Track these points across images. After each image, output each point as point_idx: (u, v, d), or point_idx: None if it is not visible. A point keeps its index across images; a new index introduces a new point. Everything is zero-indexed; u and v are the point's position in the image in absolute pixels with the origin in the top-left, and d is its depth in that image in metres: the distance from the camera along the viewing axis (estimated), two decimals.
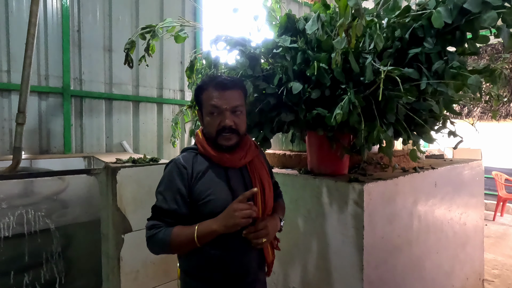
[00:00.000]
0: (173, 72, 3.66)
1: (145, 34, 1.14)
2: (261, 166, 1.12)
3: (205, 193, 1.00)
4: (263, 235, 0.99)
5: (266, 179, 1.10)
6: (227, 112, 0.99)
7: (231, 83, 1.01)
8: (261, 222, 1.01)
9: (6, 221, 1.42)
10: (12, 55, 2.61)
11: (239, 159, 1.05)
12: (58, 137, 2.86)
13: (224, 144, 1.01)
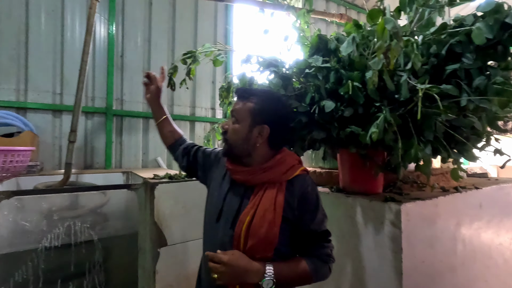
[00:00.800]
0: (205, 91, 3.83)
1: (186, 59, 1.23)
2: (269, 197, 0.90)
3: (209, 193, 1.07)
4: (214, 270, 0.83)
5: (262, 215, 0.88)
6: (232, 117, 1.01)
7: (242, 92, 1.02)
8: (222, 256, 0.84)
9: (57, 231, 1.54)
10: (65, 79, 2.89)
11: (238, 174, 0.97)
12: (100, 153, 3.08)
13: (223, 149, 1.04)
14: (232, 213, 0.92)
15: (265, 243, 0.87)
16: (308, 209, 0.94)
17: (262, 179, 0.93)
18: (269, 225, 0.86)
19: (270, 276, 0.83)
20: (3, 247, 1.40)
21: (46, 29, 2.82)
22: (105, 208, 1.92)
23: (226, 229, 0.92)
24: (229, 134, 0.98)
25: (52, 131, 2.84)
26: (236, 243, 0.88)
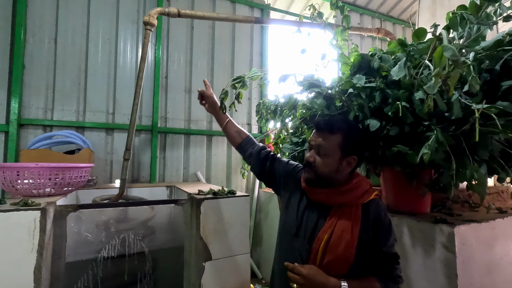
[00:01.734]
0: (242, 107, 3.95)
1: (235, 84, 1.31)
2: (347, 220, 0.98)
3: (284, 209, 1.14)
4: (293, 280, 0.94)
5: (340, 235, 0.96)
6: (311, 148, 1.07)
7: (325, 125, 1.06)
8: (301, 268, 0.94)
9: (113, 243, 1.67)
10: (117, 100, 3.17)
11: (316, 195, 1.07)
12: (146, 168, 3.29)
13: (304, 175, 1.08)
14: (309, 230, 1.02)
15: (341, 261, 0.95)
16: (381, 232, 1.03)
17: (340, 201, 1.02)
18: (346, 244, 0.95)
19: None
20: (70, 256, 1.55)
21: (102, 56, 3.14)
22: (152, 222, 2.04)
23: (303, 244, 1.01)
24: (318, 167, 1.04)
25: (105, 148, 3.10)
26: (312, 258, 0.98)
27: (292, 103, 1.45)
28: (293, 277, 0.94)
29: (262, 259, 3.63)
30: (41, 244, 1.33)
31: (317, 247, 0.97)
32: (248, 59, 4.02)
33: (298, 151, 1.88)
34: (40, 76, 2.86)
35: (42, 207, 1.35)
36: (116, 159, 3.13)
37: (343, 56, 1.63)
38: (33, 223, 1.32)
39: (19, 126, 2.72)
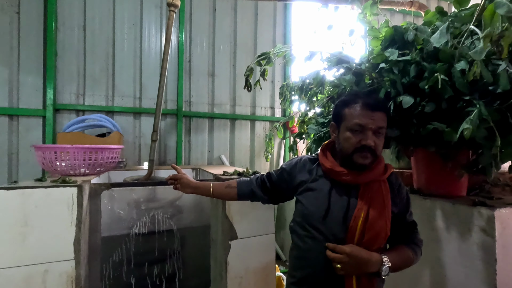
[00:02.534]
0: (264, 91, 3.90)
1: (260, 61, 1.28)
2: (379, 193, 1.00)
3: (304, 194, 1.10)
4: (337, 260, 0.93)
5: (377, 209, 0.98)
6: (369, 131, 0.99)
7: (381, 104, 1.03)
8: (345, 247, 0.94)
9: (144, 220, 1.75)
10: (143, 85, 3.24)
11: (346, 176, 1.03)
12: (172, 151, 3.38)
13: (360, 162, 1.00)
14: (341, 210, 1.01)
15: (381, 236, 0.98)
16: (404, 202, 1.08)
17: (369, 178, 1.02)
18: (383, 219, 0.98)
19: (388, 263, 0.95)
20: (105, 231, 1.64)
21: (128, 41, 3.19)
22: (180, 202, 2.10)
23: (337, 225, 1.00)
24: (377, 149, 1.01)
25: (133, 131, 3.21)
26: (350, 237, 0.97)
27: (320, 80, 1.39)
28: (336, 257, 0.93)
29: (286, 242, 3.66)
30: (79, 218, 1.41)
31: (355, 225, 0.97)
32: (271, 41, 3.93)
33: (324, 132, 1.83)
34: (71, 62, 2.97)
35: (78, 184, 1.43)
36: (144, 142, 3.24)
37: (373, 29, 1.54)
38: (71, 199, 1.41)
39: (54, 111, 2.87)
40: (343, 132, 1.04)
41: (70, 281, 1.40)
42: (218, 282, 1.81)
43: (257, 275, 1.82)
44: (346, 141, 1.02)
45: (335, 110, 1.11)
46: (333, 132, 1.12)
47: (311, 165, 1.15)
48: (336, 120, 1.09)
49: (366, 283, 0.97)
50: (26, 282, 1.34)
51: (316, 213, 1.03)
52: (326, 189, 1.06)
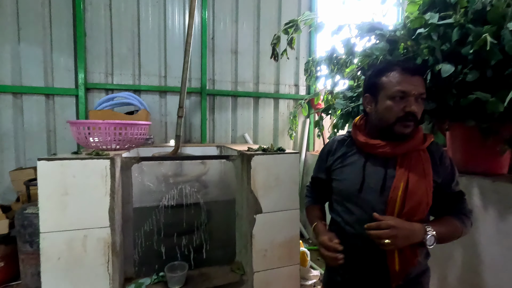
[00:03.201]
0: (289, 68, 3.80)
1: (288, 29, 1.22)
2: (419, 162, 0.96)
3: (338, 171, 1.10)
4: (385, 235, 0.89)
5: (416, 179, 0.94)
6: (412, 98, 0.94)
7: (421, 68, 0.99)
8: (388, 221, 0.90)
9: (172, 193, 1.82)
10: (167, 64, 3.27)
11: (383, 148, 0.99)
12: (196, 130, 3.43)
13: (402, 131, 0.96)
14: (378, 183, 0.98)
15: (422, 206, 0.94)
16: (448, 171, 1.01)
17: (407, 149, 0.98)
18: (424, 188, 0.94)
19: (432, 232, 0.92)
20: (136, 202, 1.72)
21: (152, 20, 3.20)
22: (205, 177, 2.15)
23: (374, 197, 0.98)
24: (420, 115, 0.97)
25: (159, 110, 3.28)
26: (390, 209, 0.95)
27: (350, 48, 1.32)
28: (383, 233, 0.89)
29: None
30: (112, 189, 1.49)
31: (395, 196, 0.94)
32: (296, 16, 3.76)
33: (353, 107, 1.76)
34: (99, 42, 3.04)
35: (111, 157, 1.49)
36: (170, 121, 3.31)
37: None
38: (104, 170, 1.48)
39: (86, 90, 2.99)
40: (382, 101, 0.98)
41: (107, 246, 1.50)
42: (244, 254, 1.87)
43: (282, 248, 1.84)
44: (387, 110, 0.97)
45: (369, 81, 1.05)
46: (368, 104, 1.06)
47: (341, 143, 1.14)
48: (371, 91, 1.03)
49: (409, 254, 0.94)
50: (68, 245, 1.45)
51: (351, 187, 1.02)
52: (360, 163, 1.04)
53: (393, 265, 0.95)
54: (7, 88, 2.79)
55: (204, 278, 1.73)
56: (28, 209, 2.33)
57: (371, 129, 1.06)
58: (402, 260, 0.94)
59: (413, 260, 0.95)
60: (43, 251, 1.42)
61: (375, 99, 1.02)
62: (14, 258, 2.54)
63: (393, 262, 0.95)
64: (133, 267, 1.74)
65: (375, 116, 1.03)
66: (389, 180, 0.97)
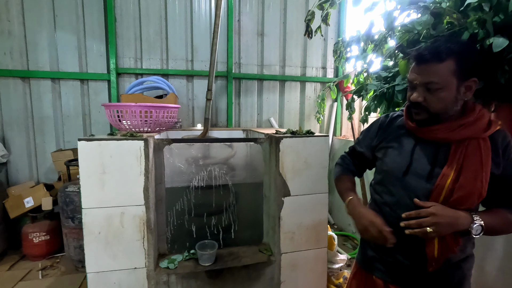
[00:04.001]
0: (316, 50, 3.68)
1: (323, 4, 1.17)
2: (476, 151, 0.89)
3: (383, 151, 1.07)
4: (427, 223, 0.86)
5: (471, 169, 0.88)
6: (419, 87, 0.93)
7: (430, 55, 0.89)
8: (427, 209, 0.87)
9: (201, 174, 1.86)
10: (194, 47, 3.28)
11: (434, 133, 0.95)
12: (223, 114, 3.45)
13: (414, 117, 0.97)
14: (425, 168, 0.94)
15: (474, 196, 0.88)
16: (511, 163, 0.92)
17: (464, 135, 0.91)
18: (479, 180, 0.88)
19: (479, 221, 0.87)
20: (168, 182, 1.79)
21: (179, 3, 3.20)
22: (233, 160, 2.17)
23: (419, 183, 0.94)
24: (431, 104, 0.92)
25: (187, 94, 3.33)
26: (435, 195, 0.91)
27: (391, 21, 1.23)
28: (423, 221, 0.87)
29: (334, 206, 3.65)
30: (147, 169, 1.55)
31: (443, 183, 0.90)
32: None
33: (387, 88, 1.67)
34: (129, 27, 3.10)
35: (144, 138, 1.55)
36: (197, 105, 3.35)
37: None
38: (139, 151, 1.53)
39: (117, 75, 3.08)
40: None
41: (142, 223, 1.58)
42: (271, 236, 1.89)
43: (309, 231, 1.85)
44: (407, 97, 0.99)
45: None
46: None
47: (394, 121, 1.10)
48: None
49: (450, 242, 0.90)
50: (108, 221, 1.54)
51: (397, 169, 0.99)
52: (409, 145, 1.00)
53: (432, 251, 0.92)
54: (47, 74, 2.94)
55: (233, 257, 1.78)
56: (69, 187, 2.50)
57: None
58: (442, 247, 0.91)
59: (453, 248, 0.91)
60: (85, 225, 1.52)
61: None
62: (58, 232, 2.76)
63: (432, 248, 0.92)
64: (166, 244, 1.82)
65: None
66: (438, 166, 0.93)
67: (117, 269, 1.58)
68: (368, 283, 1.11)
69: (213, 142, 1.94)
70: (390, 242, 0.95)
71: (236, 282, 1.77)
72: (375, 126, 1.15)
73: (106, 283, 1.57)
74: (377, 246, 1.06)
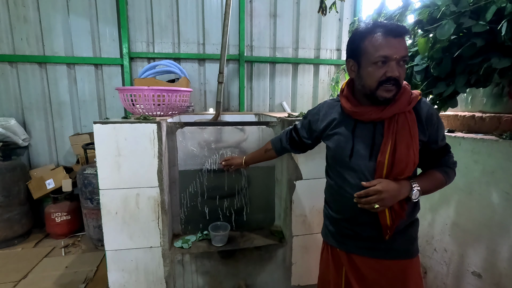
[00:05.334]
0: (331, 31, 3.56)
1: None
2: (404, 126, 0.98)
3: (329, 138, 1.14)
4: (374, 200, 0.96)
5: (403, 141, 0.97)
6: (393, 62, 0.92)
7: (403, 29, 0.93)
8: (374, 187, 0.96)
9: (214, 158, 1.87)
10: (206, 30, 3.24)
11: (369, 114, 1.01)
12: (235, 98, 3.44)
13: (384, 96, 0.96)
14: (367, 148, 1.03)
15: (410, 166, 0.98)
16: (435, 128, 1.03)
17: (393, 112, 0.99)
18: (411, 150, 0.97)
19: (417, 187, 0.99)
20: (181, 165, 1.82)
21: None
22: (245, 144, 2.17)
23: (364, 162, 1.03)
24: (402, 79, 0.97)
25: (198, 78, 3.32)
26: (379, 171, 1.00)
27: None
28: (371, 199, 0.96)
29: None
30: (160, 151, 1.58)
31: (383, 159, 0.98)
32: None
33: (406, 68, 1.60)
34: (140, 11, 3.08)
35: (157, 121, 1.56)
36: (209, 89, 3.34)
37: None
38: (152, 134, 1.56)
39: (130, 59, 3.10)
40: (365, 67, 0.97)
41: (156, 204, 1.62)
42: (283, 219, 1.91)
43: (321, 215, 1.84)
44: (369, 76, 0.96)
45: (351, 46, 1.03)
46: (351, 70, 1.05)
47: (333, 108, 1.16)
48: (353, 56, 1.01)
49: (398, 210, 1.01)
50: (124, 202, 1.59)
51: (342, 154, 1.07)
52: (350, 129, 1.07)
53: (385, 221, 1.01)
54: (62, 59, 2.99)
55: (245, 238, 1.82)
56: (87, 170, 2.58)
57: (357, 94, 1.06)
58: (393, 216, 1.01)
59: (402, 214, 1.02)
60: (102, 206, 1.58)
61: (358, 64, 1.00)
62: (78, 212, 2.89)
63: (384, 218, 1.01)
64: (180, 225, 1.87)
65: (359, 81, 1.02)
66: (377, 144, 1.01)
67: (134, 248, 1.64)
68: (334, 255, 1.21)
69: (224, 125, 1.94)
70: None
71: (248, 263, 1.81)
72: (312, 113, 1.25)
73: (124, 260, 1.64)
74: (337, 222, 1.16)
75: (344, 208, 1.12)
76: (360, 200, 0.99)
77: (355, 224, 1.10)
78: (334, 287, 1.22)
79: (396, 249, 1.08)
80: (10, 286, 2.15)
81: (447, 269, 1.71)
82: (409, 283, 1.08)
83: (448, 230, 1.70)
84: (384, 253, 1.08)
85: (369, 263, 1.10)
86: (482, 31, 1.16)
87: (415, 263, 1.11)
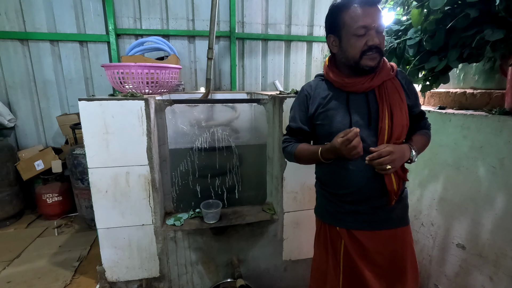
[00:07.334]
0: (325, 5, 3.45)
1: None
2: (394, 91, 1.04)
3: (323, 116, 1.10)
4: (387, 161, 0.96)
5: (397, 105, 1.03)
6: (373, 31, 0.96)
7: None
8: (385, 148, 0.97)
9: (205, 136, 1.86)
10: (195, 5, 3.11)
11: (361, 84, 1.03)
12: (226, 77, 3.37)
13: (369, 64, 0.99)
14: (364, 117, 1.05)
15: (405, 129, 1.06)
16: (414, 93, 1.13)
17: (381, 80, 1.04)
18: (403, 112, 1.04)
19: (415, 149, 1.05)
20: (171, 143, 1.80)
21: None
22: (237, 122, 2.15)
23: (364, 132, 1.03)
24: (383, 46, 1.00)
25: (189, 56, 3.23)
26: (381, 138, 1.03)
27: None
28: (383, 160, 0.96)
29: None
30: (149, 129, 1.55)
31: (384, 125, 1.02)
32: None
33: (398, 43, 1.58)
34: None
35: (145, 98, 1.52)
36: (199, 67, 3.26)
37: None
38: (140, 111, 1.52)
39: (116, 36, 2.98)
40: (347, 40, 1.00)
41: (147, 183, 1.61)
42: (275, 196, 1.93)
43: (312, 192, 1.87)
44: (351, 47, 0.99)
45: (330, 21, 1.06)
46: (333, 45, 1.07)
47: (319, 88, 1.14)
48: (333, 31, 1.05)
49: (401, 173, 1.06)
50: (114, 180, 1.58)
51: (342, 127, 1.04)
52: (343, 102, 1.08)
53: (391, 186, 1.04)
54: (45, 36, 2.86)
55: (237, 215, 1.84)
56: (76, 150, 2.54)
57: (342, 68, 1.08)
58: (398, 179, 1.05)
59: (405, 177, 1.08)
60: (92, 184, 1.56)
61: (339, 38, 1.03)
62: (70, 193, 2.87)
63: (391, 183, 1.04)
64: (171, 203, 1.88)
65: (342, 55, 1.04)
66: (373, 112, 1.04)
67: (126, 226, 1.64)
68: (332, 234, 1.20)
69: (214, 103, 1.90)
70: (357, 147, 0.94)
71: (240, 239, 1.84)
72: (302, 99, 1.17)
73: (116, 238, 1.65)
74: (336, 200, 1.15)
75: (347, 183, 1.09)
76: (373, 162, 0.97)
77: (359, 197, 1.09)
78: (333, 270, 1.20)
79: (394, 218, 1.12)
80: (3, 265, 2.16)
81: (433, 242, 1.76)
82: (407, 249, 1.14)
83: (435, 205, 1.73)
84: (384, 224, 1.12)
85: (370, 235, 1.12)
86: (476, 1, 1.13)
87: (409, 229, 1.18)
